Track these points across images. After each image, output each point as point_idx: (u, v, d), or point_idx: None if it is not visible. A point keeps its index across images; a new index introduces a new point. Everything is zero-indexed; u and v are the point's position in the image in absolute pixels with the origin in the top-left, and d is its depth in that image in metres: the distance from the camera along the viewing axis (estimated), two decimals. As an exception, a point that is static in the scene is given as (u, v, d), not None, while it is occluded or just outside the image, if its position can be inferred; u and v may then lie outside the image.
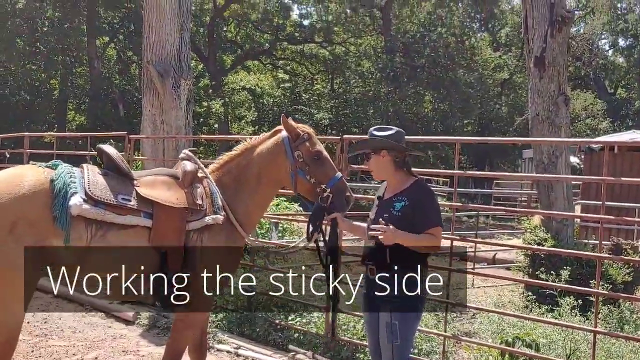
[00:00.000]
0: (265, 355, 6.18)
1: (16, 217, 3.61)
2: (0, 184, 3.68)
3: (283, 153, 4.40)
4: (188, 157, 4.44)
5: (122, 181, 4.07)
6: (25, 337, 6.61)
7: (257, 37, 40.41)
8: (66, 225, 3.72)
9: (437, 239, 3.82)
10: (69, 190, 3.78)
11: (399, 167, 4.00)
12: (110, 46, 36.16)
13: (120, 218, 3.89)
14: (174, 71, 9.61)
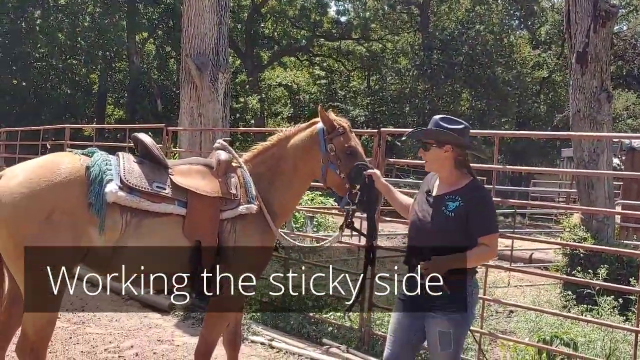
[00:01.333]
0: (298, 348, 6.19)
1: (53, 204, 3.64)
2: (37, 171, 3.72)
3: (317, 145, 4.40)
4: (222, 146, 4.48)
5: (157, 169, 4.11)
6: (64, 324, 6.71)
7: (294, 34, 40.44)
8: (101, 213, 3.74)
9: (491, 249, 3.60)
10: (105, 178, 3.80)
11: (459, 166, 3.71)
12: (149, 41, 36.53)
13: (155, 206, 3.91)
14: (212, 64, 9.66)
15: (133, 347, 6.16)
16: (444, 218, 3.61)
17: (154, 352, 6.03)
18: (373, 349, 6.12)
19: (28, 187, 3.62)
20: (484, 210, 3.60)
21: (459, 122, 3.72)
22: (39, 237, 3.60)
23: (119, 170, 3.89)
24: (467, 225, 3.54)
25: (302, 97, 39.63)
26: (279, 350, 6.18)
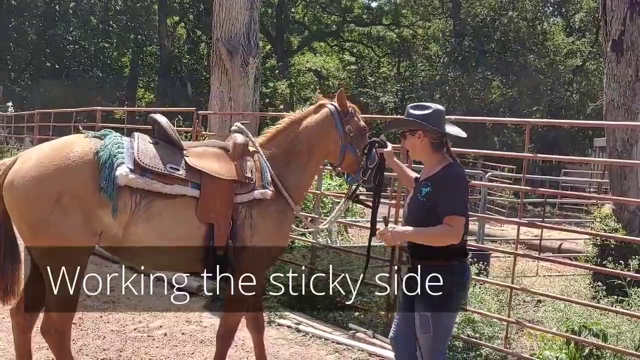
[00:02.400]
0: (325, 332, 6.23)
1: (62, 188, 3.68)
2: (47, 155, 3.76)
3: (334, 127, 4.42)
4: (240, 129, 4.43)
5: (172, 151, 4.07)
6: (94, 303, 6.83)
7: (324, 19, 40.36)
8: (113, 196, 3.75)
9: (452, 229, 3.54)
10: (115, 161, 3.79)
11: (436, 149, 3.76)
12: (180, 25, 36.73)
13: (167, 187, 3.89)
14: (242, 49, 9.68)
15: (162, 327, 6.25)
16: (418, 203, 3.73)
17: (182, 333, 6.11)
18: (399, 334, 6.14)
19: (38, 171, 3.66)
20: (448, 191, 3.62)
21: (427, 108, 3.76)
22: (50, 220, 3.66)
23: (132, 152, 3.87)
24: (435, 209, 3.61)
25: (331, 82, 39.55)
26: (305, 333, 6.22)
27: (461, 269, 3.71)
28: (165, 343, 5.83)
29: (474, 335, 5.80)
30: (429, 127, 3.69)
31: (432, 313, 3.65)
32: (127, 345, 5.70)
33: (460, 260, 3.71)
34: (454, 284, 3.64)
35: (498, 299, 6.64)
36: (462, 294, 3.83)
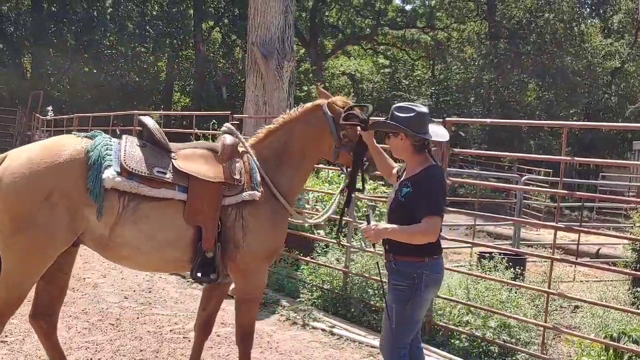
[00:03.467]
0: (359, 335, 6.23)
1: (52, 185, 3.72)
2: (39, 153, 3.80)
3: (327, 130, 4.34)
4: (229, 130, 4.43)
5: (159, 153, 4.07)
6: (131, 304, 6.93)
7: (358, 22, 40.29)
8: (99, 198, 3.78)
9: (428, 228, 3.65)
10: (103, 163, 3.83)
11: (418, 152, 3.86)
12: (215, 30, 36.99)
13: (154, 191, 3.90)
14: (277, 53, 9.75)
15: (197, 329, 6.31)
16: (398, 203, 3.85)
17: (218, 335, 6.15)
18: (434, 338, 6.10)
19: (29, 168, 3.71)
20: (426, 193, 3.72)
21: (410, 110, 3.82)
22: (36, 216, 3.69)
23: (119, 155, 3.89)
24: (413, 209, 3.71)
25: (365, 86, 39.49)
26: (339, 337, 6.22)
27: (433, 265, 3.81)
28: (201, 345, 5.88)
29: (509, 340, 5.75)
30: (409, 131, 3.77)
31: (397, 305, 3.80)
32: (164, 346, 5.76)
33: (432, 257, 3.81)
34: (422, 280, 3.75)
35: (534, 304, 6.58)
36: (431, 290, 3.90)
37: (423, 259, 3.76)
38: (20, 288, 3.87)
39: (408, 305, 3.79)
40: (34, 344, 5.55)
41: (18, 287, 3.86)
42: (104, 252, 4.02)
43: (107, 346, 5.64)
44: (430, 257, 3.80)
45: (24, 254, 3.78)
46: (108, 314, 6.55)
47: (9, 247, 3.77)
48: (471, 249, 10.21)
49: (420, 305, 3.86)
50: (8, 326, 5.91)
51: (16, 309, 3.99)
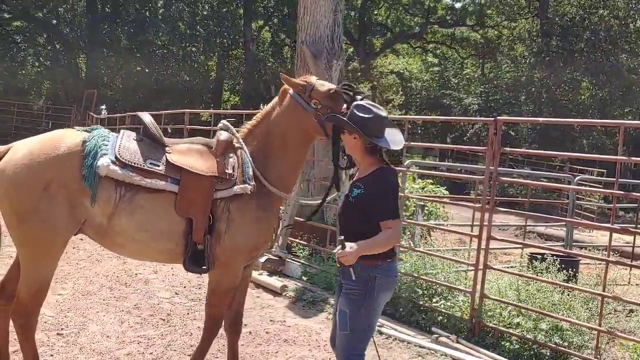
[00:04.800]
0: (408, 335, 6.20)
1: (50, 176, 3.84)
2: (38, 145, 3.93)
3: (300, 108, 4.29)
4: (225, 127, 4.52)
5: (154, 147, 4.21)
6: (182, 300, 7.04)
7: (407, 20, 40.12)
8: (94, 185, 3.92)
9: (393, 232, 3.64)
10: (99, 152, 3.97)
11: (369, 153, 3.80)
12: (265, 29, 37.27)
13: (147, 181, 4.02)
14: (326, 52, 9.76)
15: (247, 326, 6.36)
16: (348, 203, 3.82)
17: (267, 332, 6.21)
18: (483, 340, 6.03)
19: (29, 160, 3.84)
20: (380, 197, 3.67)
21: (369, 112, 3.74)
22: (37, 207, 3.82)
23: (115, 146, 4.04)
24: (365, 212, 3.66)
25: (414, 84, 39.24)
26: (388, 336, 6.21)
27: (386, 269, 3.73)
28: (250, 341, 5.94)
29: (562, 343, 5.65)
30: (361, 133, 3.71)
31: (350, 310, 3.70)
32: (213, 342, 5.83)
33: (385, 260, 3.73)
34: (375, 284, 3.68)
35: (587, 307, 6.44)
36: (385, 294, 3.80)
37: (377, 263, 3.68)
38: (37, 278, 3.98)
39: (362, 310, 3.69)
40: (89, 336, 5.71)
41: (35, 277, 3.98)
42: (102, 240, 4.17)
43: (159, 341, 5.75)
44: (384, 261, 3.72)
45: (31, 244, 3.93)
46: (159, 309, 6.67)
47: (17, 238, 3.92)
48: (522, 250, 10.06)
49: (374, 310, 3.78)
50: (64, 319, 6.10)
51: (42, 300, 4.09)
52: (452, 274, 6.96)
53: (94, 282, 7.60)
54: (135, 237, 4.10)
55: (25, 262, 3.96)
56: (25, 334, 4.04)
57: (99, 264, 8.47)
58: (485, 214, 6.23)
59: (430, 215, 11.68)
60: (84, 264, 8.40)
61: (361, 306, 3.69)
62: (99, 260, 8.68)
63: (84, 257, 8.74)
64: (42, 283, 4.01)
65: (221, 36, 33.11)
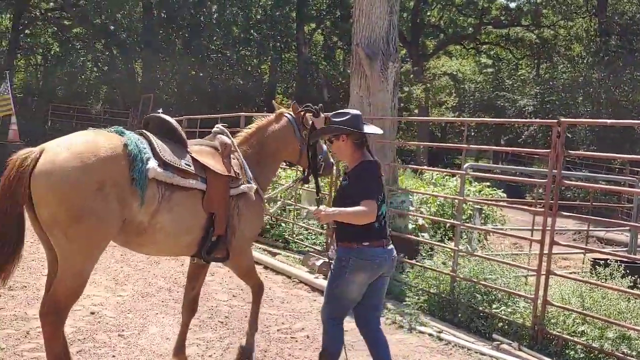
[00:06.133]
0: (468, 342, 6.09)
1: (103, 177, 3.92)
2: (85, 146, 3.96)
3: (292, 133, 5.26)
4: (221, 131, 5.03)
5: (179, 148, 4.53)
6: (239, 303, 7.08)
7: (460, 21, 39.58)
8: (144, 187, 4.10)
9: (366, 210, 4.09)
10: (144, 156, 4.16)
11: (358, 148, 4.37)
12: (317, 32, 37.36)
13: (184, 181, 4.35)
14: (382, 54, 9.70)
15: (304, 330, 6.36)
16: (338, 192, 4.55)
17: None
18: (546, 348, 5.87)
19: (80, 161, 3.85)
20: (359, 181, 4.24)
21: (346, 114, 4.37)
22: (93, 207, 3.88)
23: (153, 148, 4.28)
24: (350, 197, 4.19)
25: (467, 86, 38.73)
26: (447, 342, 6.11)
27: (360, 251, 4.23)
28: (308, 345, 5.92)
29: (630, 353, 5.45)
30: (349, 130, 4.30)
31: (329, 284, 4.39)
32: (271, 346, 5.84)
33: (360, 243, 4.23)
34: (349, 264, 4.23)
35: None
36: (358, 274, 4.25)
37: (352, 245, 4.25)
38: (82, 275, 4.06)
39: (338, 283, 4.29)
40: (149, 338, 5.77)
41: (80, 274, 4.04)
42: (135, 239, 4.31)
43: (217, 343, 5.78)
44: (359, 244, 4.24)
45: (84, 242, 3.96)
46: (217, 312, 6.72)
47: (69, 237, 3.89)
48: (584, 255, 9.78)
49: (347, 286, 4.28)
50: (124, 320, 6.19)
51: (79, 297, 4.14)
52: (511, 280, 6.79)
53: (152, 284, 7.70)
54: (171, 233, 4.36)
55: (69, 260, 3.98)
56: (56, 331, 4.03)
57: (157, 266, 8.59)
58: (548, 219, 6.06)
59: (487, 218, 11.48)
60: (143, 266, 8.53)
61: (337, 281, 4.29)
62: (157, 262, 8.80)
63: (143, 258, 8.87)
64: (83, 281, 4.08)
65: (274, 39, 33.36)
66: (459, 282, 6.93)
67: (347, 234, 4.25)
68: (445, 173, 12.85)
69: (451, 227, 9.88)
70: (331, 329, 4.44)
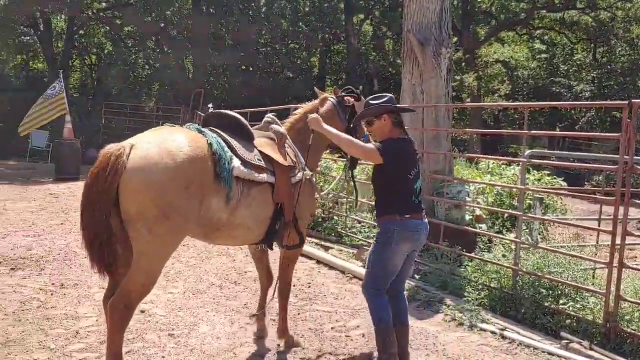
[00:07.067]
0: (533, 340, 5.72)
1: (192, 175, 4.02)
2: (172, 145, 4.02)
3: (337, 117, 5.37)
4: (273, 120, 5.20)
5: (248, 142, 4.71)
6: (292, 300, 6.82)
7: (512, 7, 38.51)
8: (230, 185, 4.26)
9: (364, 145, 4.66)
10: (227, 154, 4.32)
11: (396, 127, 4.72)
12: (366, 22, 36.91)
13: (259, 176, 4.56)
14: (434, 39, 9.34)
15: (359, 327, 6.10)
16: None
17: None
18: (621, 347, 5.46)
19: (171, 159, 3.94)
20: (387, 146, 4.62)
21: (383, 96, 4.75)
22: (180, 205, 3.96)
23: (231, 146, 4.45)
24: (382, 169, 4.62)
25: (521, 73, 37.74)
26: (511, 341, 5.75)
27: (403, 223, 4.54)
28: (364, 344, 5.67)
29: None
30: (394, 107, 4.75)
31: (374, 253, 4.66)
32: (325, 344, 5.60)
33: (403, 215, 4.54)
34: (394, 234, 4.52)
35: None
36: (403, 244, 4.56)
37: (394, 217, 4.55)
38: (157, 271, 4.13)
39: (382, 254, 4.59)
40: (200, 337, 5.61)
41: (156, 270, 4.12)
42: (213, 233, 4.41)
43: (270, 342, 5.57)
44: (401, 216, 4.54)
45: (166, 238, 4.04)
46: (269, 309, 6.49)
47: (154, 232, 3.93)
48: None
49: (391, 256, 4.58)
50: (174, 319, 6.04)
51: (149, 292, 4.21)
52: (578, 273, 6.39)
53: (203, 280, 7.56)
54: (249, 226, 4.55)
55: (147, 256, 4.01)
56: (122, 325, 4.05)
57: (208, 262, 8.46)
58: (620, 208, 5.64)
59: (548, 208, 11.00)
60: (194, 262, 8.41)
61: (382, 251, 4.60)
62: (208, 257, 8.68)
63: (194, 254, 8.76)
64: (156, 276, 4.16)
65: (323, 31, 33.09)
66: (522, 275, 6.56)
67: (388, 207, 4.60)
68: (502, 161, 12.40)
69: (509, 217, 9.48)
70: (378, 299, 4.66)
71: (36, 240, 9.12)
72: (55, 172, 17.76)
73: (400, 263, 4.67)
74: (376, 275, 4.67)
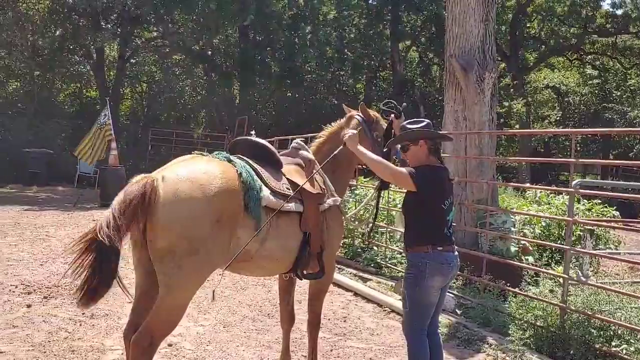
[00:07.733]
0: (583, 384, 5.30)
1: (223, 207, 3.88)
2: (203, 177, 3.90)
3: (364, 135, 5.04)
4: (301, 146, 5.02)
5: (275, 170, 4.57)
6: (325, 335, 6.58)
7: (562, 32, 37.85)
8: (259, 216, 4.11)
9: (397, 170, 4.35)
10: (256, 184, 4.17)
11: (432, 154, 4.47)
12: (412, 49, 36.76)
13: (288, 205, 4.36)
14: (477, 64, 9.06)
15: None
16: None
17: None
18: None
19: (202, 192, 3.82)
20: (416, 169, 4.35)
21: (421, 121, 4.51)
22: (208, 238, 3.82)
23: (260, 175, 4.31)
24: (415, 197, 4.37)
25: (572, 99, 36.95)
26: (558, 385, 5.35)
27: (435, 255, 4.28)
28: (399, 386, 5.34)
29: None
30: (433, 134, 4.51)
31: (408, 291, 4.38)
32: None
33: (435, 247, 4.29)
34: (426, 268, 4.26)
35: None
36: (436, 277, 4.30)
37: (426, 250, 4.29)
38: (183, 307, 3.95)
39: (416, 290, 4.32)
40: None
41: (182, 306, 3.94)
42: (242, 263, 4.23)
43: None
44: (433, 248, 4.29)
45: (195, 274, 3.88)
46: (302, 345, 6.22)
47: (183, 267, 3.78)
48: None
49: (425, 293, 4.32)
50: (202, 353, 5.82)
51: (175, 328, 4.01)
52: (633, 313, 5.94)
53: (236, 312, 7.34)
54: (277, 257, 4.41)
55: (174, 291, 3.84)
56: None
57: (243, 292, 8.25)
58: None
59: (599, 240, 10.48)
60: (229, 292, 8.21)
61: (415, 287, 4.32)
62: (244, 288, 8.47)
63: (230, 284, 8.56)
64: (183, 312, 3.97)
65: (369, 58, 33.03)
66: (570, 314, 6.14)
67: (419, 238, 4.36)
68: (550, 191, 11.93)
69: (558, 250, 9.03)
70: (418, 338, 4.41)
71: (72, 268, 9.04)
72: (100, 199, 17.92)
73: (435, 300, 4.42)
74: (416, 314, 4.42)
